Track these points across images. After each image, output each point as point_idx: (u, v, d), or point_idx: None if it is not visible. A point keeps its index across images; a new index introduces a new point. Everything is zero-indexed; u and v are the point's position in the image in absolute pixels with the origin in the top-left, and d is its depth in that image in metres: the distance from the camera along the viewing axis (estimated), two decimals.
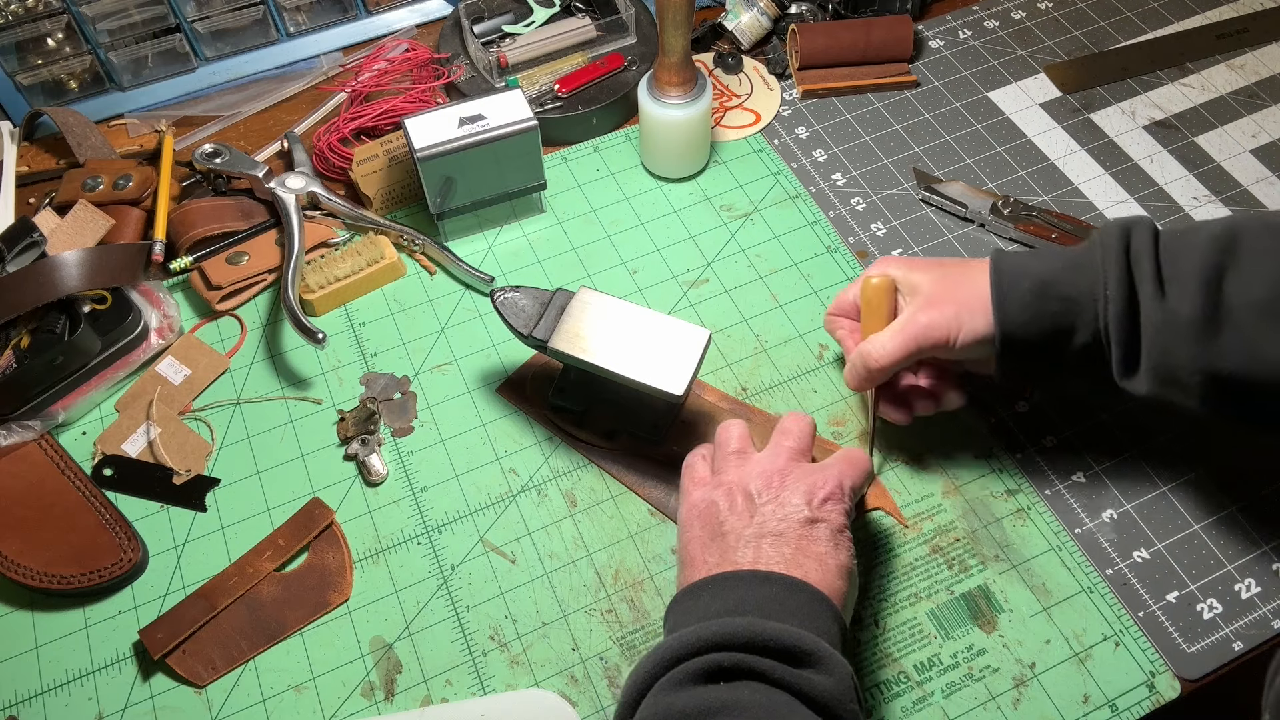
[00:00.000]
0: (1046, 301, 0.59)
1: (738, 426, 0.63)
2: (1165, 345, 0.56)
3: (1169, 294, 0.56)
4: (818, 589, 0.53)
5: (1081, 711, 0.60)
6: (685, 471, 0.63)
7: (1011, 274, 0.60)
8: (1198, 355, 0.55)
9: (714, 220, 0.84)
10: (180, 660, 0.62)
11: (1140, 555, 0.66)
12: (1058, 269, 0.59)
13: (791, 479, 0.58)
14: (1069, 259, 0.60)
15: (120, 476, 0.71)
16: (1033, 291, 0.59)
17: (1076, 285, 0.59)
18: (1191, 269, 0.56)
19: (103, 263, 0.74)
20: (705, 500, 0.59)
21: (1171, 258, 0.57)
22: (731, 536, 0.56)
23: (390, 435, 0.72)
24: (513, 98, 0.78)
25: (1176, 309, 0.55)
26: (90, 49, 0.90)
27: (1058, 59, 0.95)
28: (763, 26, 0.96)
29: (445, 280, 0.81)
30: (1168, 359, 0.56)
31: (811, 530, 0.56)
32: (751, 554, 0.55)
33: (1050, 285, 0.59)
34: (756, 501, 0.57)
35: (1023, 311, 0.59)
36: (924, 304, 0.62)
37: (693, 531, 0.58)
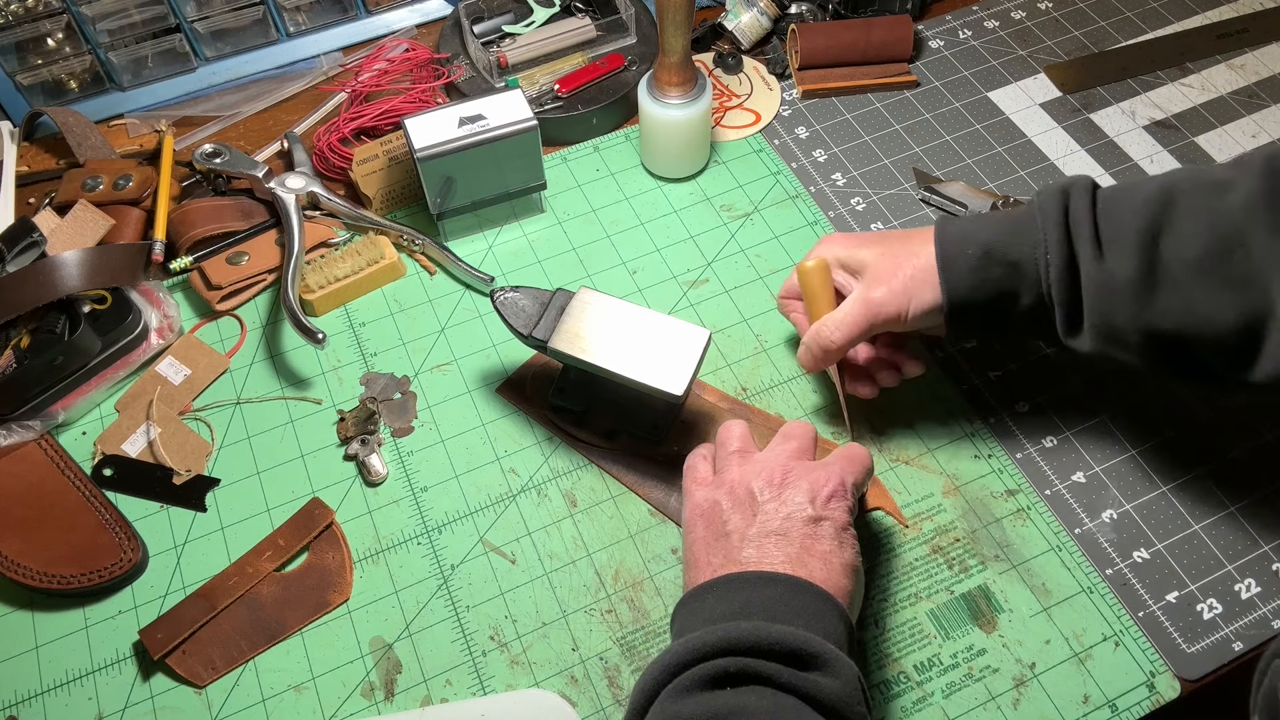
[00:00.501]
0: (990, 268, 0.60)
1: (739, 426, 0.63)
2: (1105, 305, 0.58)
3: (1107, 255, 0.57)
4: (823, 588, 0.53)
5: (1081, 711, 0.60)
6: (687, 472, 0.63)
7: (955, 242, 0.61)
8: (1137, 314, 0.57)
9: (714, 220, 0.84)
10: (180, 660, 0.62)
11: (1140, 555, 0.66)
12: (1000, 235, 0.61)
13: (794, 476, 0.58)
14: (1011, 223, 0.61)
15: (120, 476, 0.71)
16: (976, 258, 0.60)
17: (1019, 249, 0.60)
18: (1128, 230, 0.57)
19: (103, 263, 0.74)
20: (708, 500, 0.59)
21: (1108, 219, 0.58)
22: (735, 536, 0.56)
23: (390, 435, 0.72)
24: (513, 98, 0.78)
25: (1114, 270, 0.57)
26: (90, 49, 0.90)
27: (1058, 59, 0.95)
28: (763, 26, 0.96)
29: (445, 280, 0.81)
30: (1108, 318, 0.58)
31: (816, 529, 0.56)
32: (756, 554, 0.55)
33: (993, 251, 0.60)
34: (759, 500, 0.57)
35: (968, 279, 0.61)
36: (872, 280, 0.64)
37: (696, 532, 0.58)
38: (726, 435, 0.63)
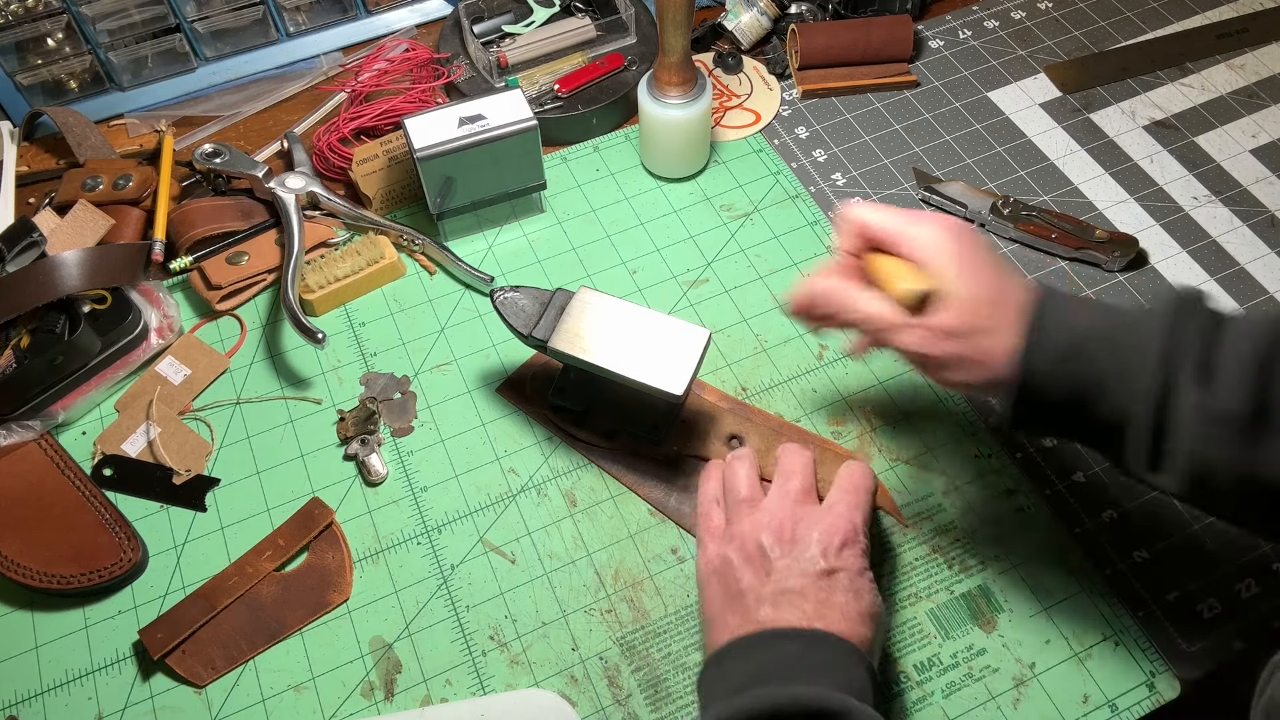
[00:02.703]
0: (1078, 358, 0.50)
1: (744, 466, 0.63)
2: (1200, 441, 0.48)
3: (1216, 383, 0.48)
4: (841, 638, 0.53)
5: (1081, 711, 0.60)
6: (701, 519, 0.63)
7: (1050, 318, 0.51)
8: (1240, 455, 0.47)
9: (714, 220, 0.84)
10: (180, 660, 0.62)
11: (1140, 555, 0.66)
12: (1103, 330, 0.51)
13: (803, 529, 0.58)
14: (1116, 321, 0.51)
15: (120, 476, 0.71)
16: (1067, 345, 0.51)
17: (1116, 348, 0.50)
18: (1241, 357, 0.48)
19: (103, 263, 0.74)
20: (719, 557, 0.59)
21: (1222, 343, 0.49)
22: (750, 596, 0.56)
23: (390, 435, 0.72)
24: (513, 98, 0.78)
25: (1220, 401, 0.47)
26: (90, 49, 0.90)
27: (1058, 59, 0.95)
28: (763, 26, 0.96)
29: (445, 280, 0.81)
30: (1204, 455, 0.48)
31: (830, 582, 0.55)
32: (771, 613, 0.54)
33: (1088, 346, 0.50)
34: (770, 557, 0.57)
35: (1048, 364, 0.51)
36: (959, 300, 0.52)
37: (711, 589, 0.58)
38: (733, 480, 0.62)
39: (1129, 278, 0.79)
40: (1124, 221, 0.83)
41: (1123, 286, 0.78)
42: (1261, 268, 0.79)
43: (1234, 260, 0.80)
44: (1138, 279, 0.79)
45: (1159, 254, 0.80)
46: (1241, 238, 0.81)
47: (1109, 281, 0.79)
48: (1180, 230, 0.82)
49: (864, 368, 0.75)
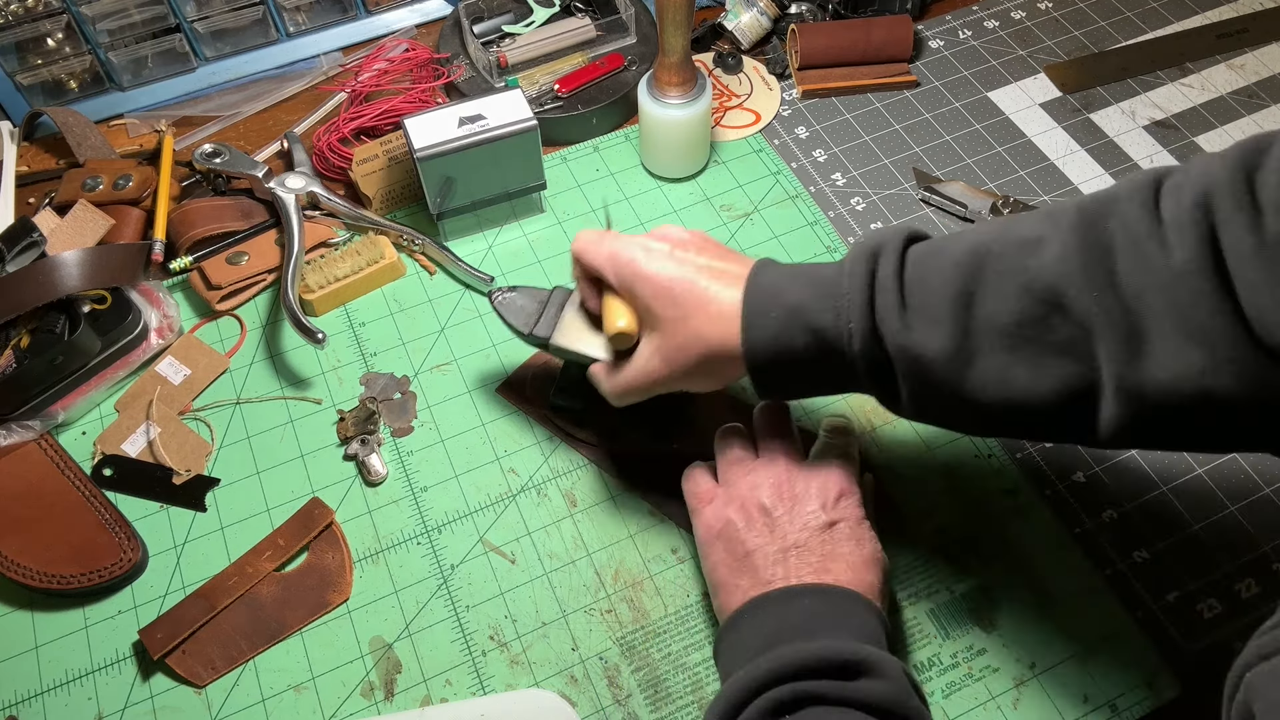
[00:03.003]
0: (794, 333, 0.53)
1: (736, 435, 0.63)
2: (917, 379, 0.51)
3: (915, 326, 0.50)
4: (850, 589, 0.54)
5: (1081, 711, 0.60)
6: (687, 485, 0.63)
7: (760, 302, 0.54)
8: (955, 387, 0.50)
9: (714, 220, 0.84)
10: (180, 660, 0.62)
11: (1140, 555, 0.66)
12: (807, 296, 0.53)
13: (800, 485, 0.58)
14: (819, 284, 0.53)
15: (120, 476, 0.71)
16: (780, 321, 0.53)
17: (822, 316, 0.52)
18: (936, 297, 0.50)
19: (103, 263, 0.74)
20: (720, 519, 0.58)
21: (917, 285, 0.51)
22: (758, 555, 0.56)
23: (390, 435, 0.72)
24: (513, 98, 0.78)
25: (923, 342, 0.50)
26: (90, 49, 0.90)
27: (1058, 59, 0.95)
28: (763, 26, 0.96)
29: (445, 280, 0.81)
30: (923, 393, 0.52)
31: (832, 533, 0.56)
32: (781, 571, 0.55)
33: (798, 315, 0.53)
34: (773, 515, 0.57)
35: (769, 344, 0.54)
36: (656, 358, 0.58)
37: (717, 554, 0.58)
38: (725, 444, 0.62)
39: None
40: None
41: None
42: None
43: None
44: None
45: None
46: None
47: None
48: None
49: None
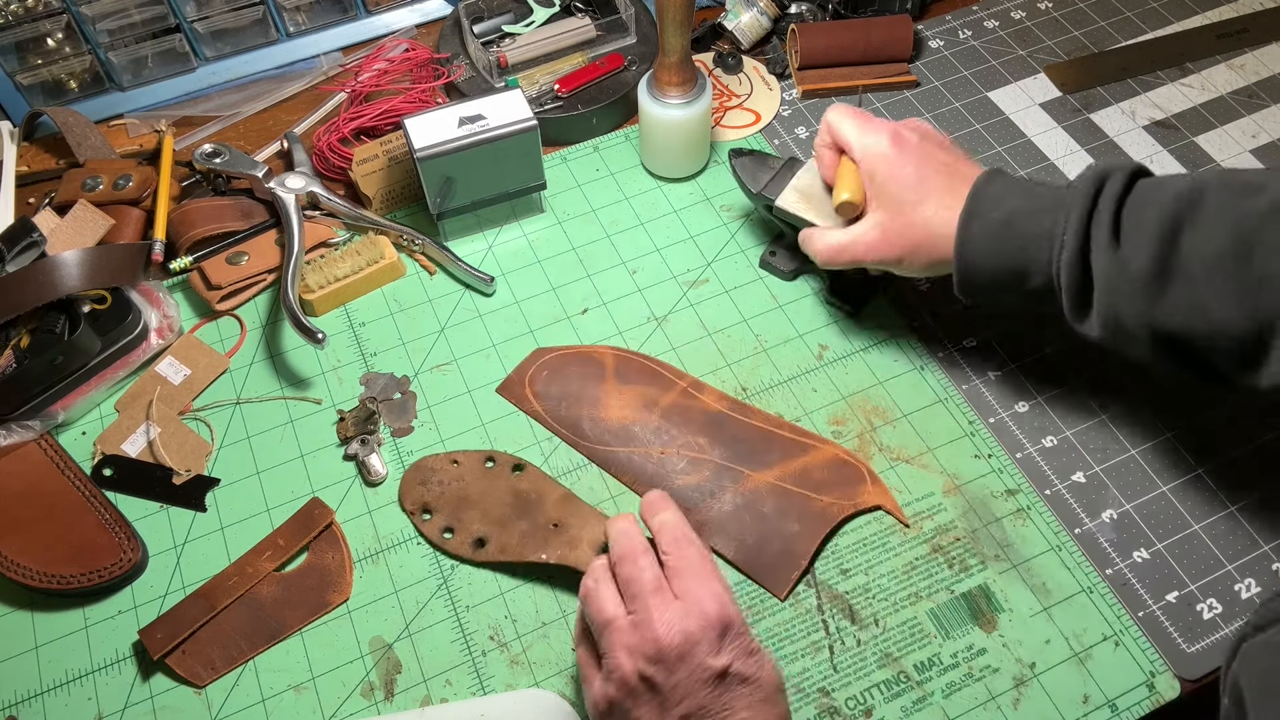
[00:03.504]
0: (1008, 240, 0.59)
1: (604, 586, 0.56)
2: (1114, 295, 0.56)
3: (1124, 244, 0.56)
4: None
5: (1081, 711, 0.60)
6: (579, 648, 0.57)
7: (983, 202, 0.60)
8: (1145, 308, 0.56)
9: (714, 220, 0.84)
10: (180, 660, 0.62)
11: (1140, 555, 0.66)
12: (1027, 205, 0.59)
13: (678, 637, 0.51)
14: (1044, 197, 0.60)
15: (120, 476, 0.71)
16: (998, 224, 0.59)
17: (1039, 224, 0.59)
18: (1149, 221, 0.56)
19: (103, 263, 0.74)
20: (605, 698, 0.53)
21: (1134, 208, 0.57)
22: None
23: (390, 435, 0.72)
24: (513, 98, 0.78)
25: (1128, 260, 0.56)
26: (90, 49, 0.90)
27: (1058, 59, 0.95)
28: (763, 26, 0.96)
29: (445, 280, 0.81)
30: (1116, 309, 0.57)
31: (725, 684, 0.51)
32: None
33: (1014, 221, 0.59)
34: (657, 683, 0.51)
35: (983, 244, 0.60)
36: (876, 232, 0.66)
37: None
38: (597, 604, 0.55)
39: None
40: None
41: None
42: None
43: None
44: None
45: None
46: None
47: None
48: None
49: (864, 368, 0.75)
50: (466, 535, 0.67)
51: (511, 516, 0.67)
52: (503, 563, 0.66)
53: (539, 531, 0.66)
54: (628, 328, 0.77)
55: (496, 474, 0.69)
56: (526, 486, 0.68)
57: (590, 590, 0.56)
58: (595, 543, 0.65)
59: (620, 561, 0.56)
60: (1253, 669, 0.42)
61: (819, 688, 0.61)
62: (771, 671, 0.53)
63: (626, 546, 0.56)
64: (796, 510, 0.67)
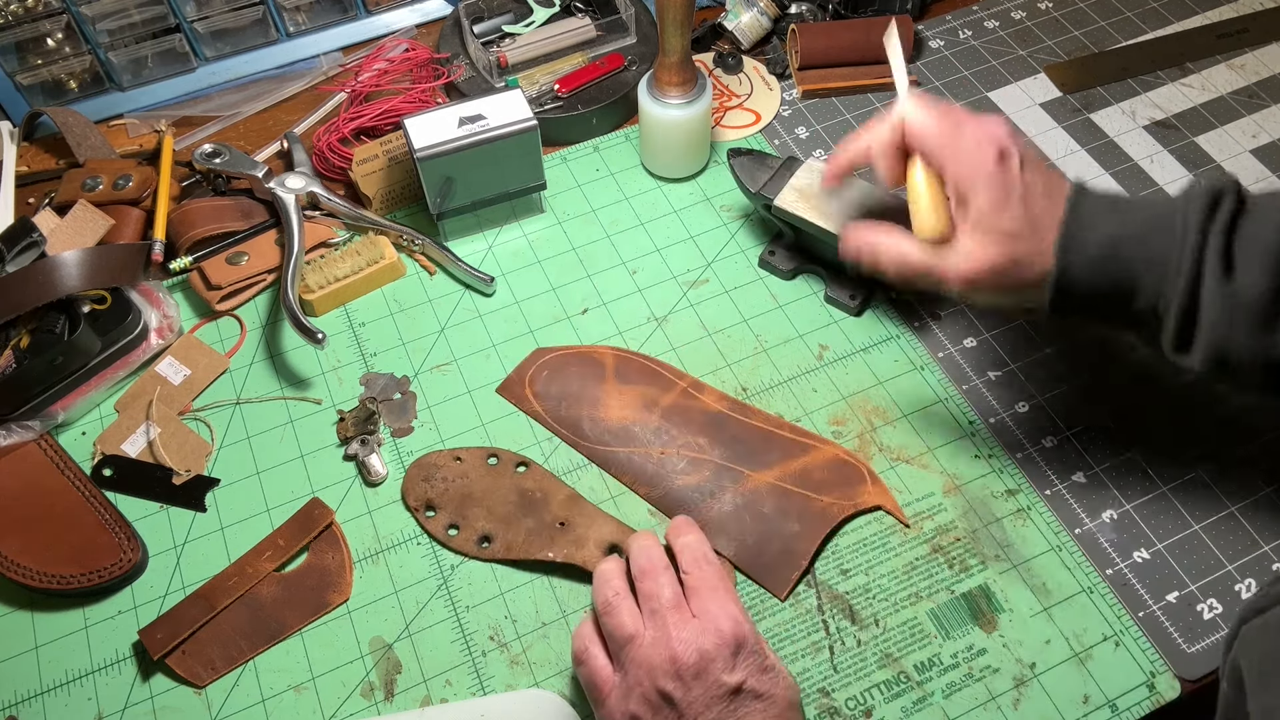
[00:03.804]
0: (1113, 261, 0.55)
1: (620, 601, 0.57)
2: (1224, 326, 0.53)
3: (1237, 272, 0.52)
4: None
5: (1081, 711, 0.60)
6: (583, 671, 0.57)
7: (1085, 221, 0.55)
8: (1258, 339, 0.52)
9: (714, 220, 0.84)
10: (180, 660, 0.62)
11: (1140, 555, 0.66)
12: (1135, 230, 0.55)
13: (695, 654, 0.53)
14: (1150, 219, 0.55)
15: (120, 476, 0.71)
16: (1101, 248, 0.55)
17: (1149, 249, 0.54)
18: (1263, 247, 0.52)
19: (102, 263, 0.74)
20: (626, 714, 0.54)
21: (1247, 234, 0.53)
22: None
23: (390, 435, 0.72)
24: (513, 98, 0.78)
25: (1240, 290, 0.52)
26: (90, 49, 0.90)
27: (1058, 59, 0.95)
28: (763, 26, 0.96)
29: (445, 280, 0.81)
30: (1225, 341, 0.53)
31: (739, 701, 0.53)
32: None
33: (1121, 245, 0.54)
34: (676, 699, 0.53)
35: (1086, 266, 0.55)
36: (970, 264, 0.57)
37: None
38: (615, 620, 0.56)
39: None
40: None
41: None
42: None
43: None
44: None
45: None
46: None
47: None
48: None
49: (864, 367, 0.75)
50: (472, 532, 0.67)
51: (517, 514, 0.67)
52: (507, 561, 0.66)
53: (545, 530, 0.66)
54: (628, 328, 0.77)
55: (500, 471, 0.69)
56: (531, 485, 0.68)
57: (613, 605, 0.57)
58: (602, 542, 0.65)
59: (642, 576, 0.58)
60: (1252, 651, 0.42)
61: (819, 688, 0.61)
62: (786, 688, 0.55)
63: (648, 563, 0.59)
64: (797, 510, 0.67)
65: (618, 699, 0.55)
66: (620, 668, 0.56)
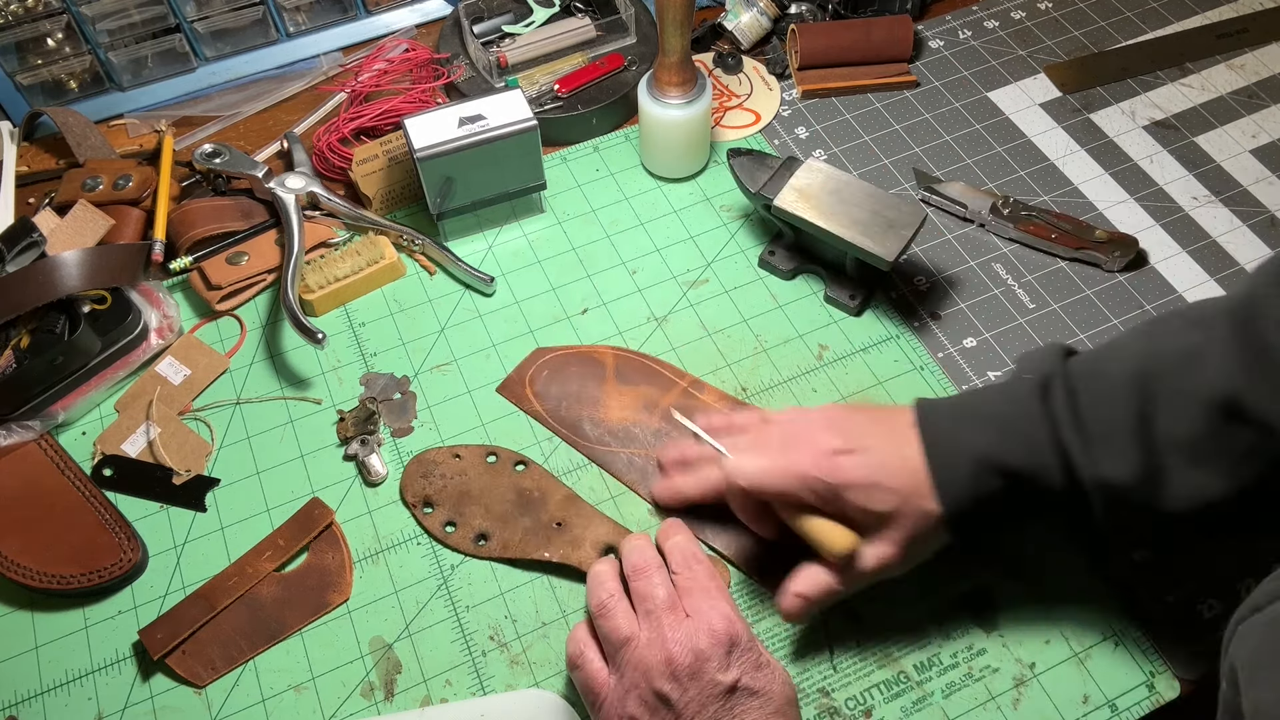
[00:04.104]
0: (988, 479, 0.55)
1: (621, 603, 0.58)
2: (1113, 503, 0.53)
3: (1101, 457, 0.53)
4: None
5: (1081, 711, 0.60)
6: (579, 675, 0.58)
7: (945, 452, 0.56)
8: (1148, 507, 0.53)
9: (714, 220, 0.84)
10: (180, 660, 0.62)
11: (1140, 555, 0.65)
12: (993, 441, 0.55)
13: (689, 654, 0.54)
14: (1000, 425, 0.55)
15: (120, 476, 0.71)
16: (972, 472, 0.55)
17: (1014, 456, 0.54)
18: (1118, 426, 0.53)
19: (102, 263, 0.74)
20: (621, 716, 0.54)
21: (1092, 414, 0.54)
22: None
23: (390, 435, 0.72)
24: (513, 98, 0.78)
25: (1114, 471, 0.52)
26: (90, 49, 0.90)
27: (1058, 59, 0.95)
28: (763, 26, 0.96)
29: (445, 280, 0.81)
30: (1122, 518, 0.54)
31: (734, 700, 0.53)
32: None
33: (988, 461, 0.55)
34: (672, 699, 0.53)
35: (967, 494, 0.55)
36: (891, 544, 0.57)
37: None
38: (610, 623, 0.57)
39: (1129, 278, 0.79)
40: (1124, 221, 0.83)
41: (1122, 287, 0.78)
42: None
43: (1234, 260, 0.80)
44: (1138, 279, 0.79)
45: (1159, 254, 0.80)
46: (1242, 238, 0.81)
47: (1109, 282, 0.79)
48: (1180, 230, 0.82)
49: (864, 367, 0.75)
50: (469, 530, 0.67)
51: (514, 513, 0.67)
52: (504, 560, 0.66)
53: (542, 529, 0.66)
54: (628, 328, 0.77)
55: (499, 470, 0.69)
56: (530, 484, 0.68)
57: (608, 607, 0.58)
58: (598, 543, 0.65)
59: (636, 576, 0.59)
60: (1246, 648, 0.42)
61: (819, 688, 0.61)
62: (782, 685, 0.55)
63: (642, 562, 0.59)
64: None
65: (614, 701, 0.55)
66: (616, 670, 0.56)
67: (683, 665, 0.53)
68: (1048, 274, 0.79)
